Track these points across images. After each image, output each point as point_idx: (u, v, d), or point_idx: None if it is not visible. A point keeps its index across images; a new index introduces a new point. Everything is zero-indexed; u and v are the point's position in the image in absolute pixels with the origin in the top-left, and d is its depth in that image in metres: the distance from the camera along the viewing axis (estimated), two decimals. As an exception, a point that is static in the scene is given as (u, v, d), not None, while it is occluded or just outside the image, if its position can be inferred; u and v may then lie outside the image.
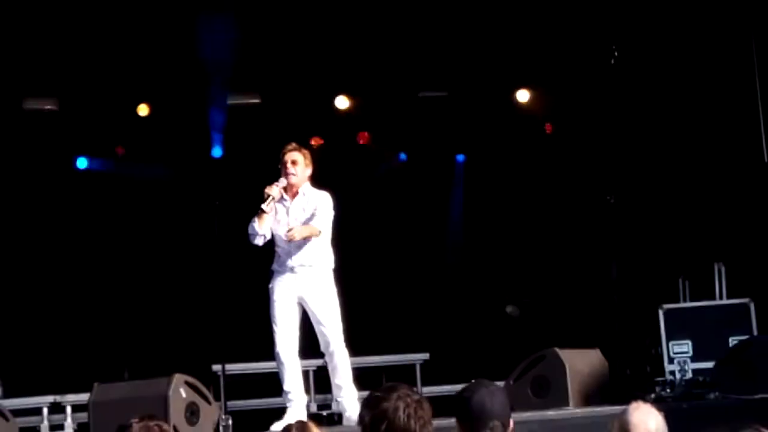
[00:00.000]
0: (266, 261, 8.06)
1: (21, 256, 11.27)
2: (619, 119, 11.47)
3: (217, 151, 11.89)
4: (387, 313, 11.70)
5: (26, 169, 11.40)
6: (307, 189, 7.99)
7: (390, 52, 11.47)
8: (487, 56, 11.65)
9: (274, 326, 7.87)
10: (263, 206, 7.83)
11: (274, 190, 7.85)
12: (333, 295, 7.98)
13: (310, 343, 8.00)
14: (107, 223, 11.71)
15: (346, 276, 8.30)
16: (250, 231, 7.91)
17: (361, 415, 3.88)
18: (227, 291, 8.62)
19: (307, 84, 11.73)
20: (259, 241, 7.94)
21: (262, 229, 7.88)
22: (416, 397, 3.87)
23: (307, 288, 7.90)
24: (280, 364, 7.87)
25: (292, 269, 7.90)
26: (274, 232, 7.95)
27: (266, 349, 8.82)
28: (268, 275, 8.00)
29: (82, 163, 11.83)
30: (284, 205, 7.97)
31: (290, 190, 7.96)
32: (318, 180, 8.12)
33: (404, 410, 3.80)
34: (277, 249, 7.96)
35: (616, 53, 10.91)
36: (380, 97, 12.01)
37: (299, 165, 7.93)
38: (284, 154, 7.97)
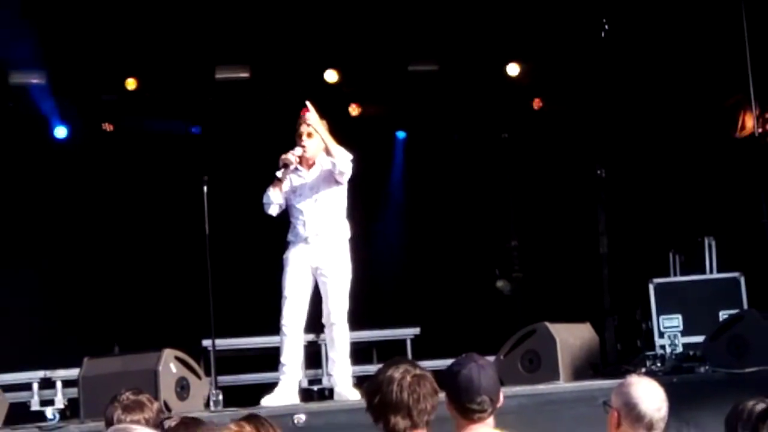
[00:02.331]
0: (258, 235, 8.02)
1: (9, 231, 11.22)
2: (609, 92, 11.45)
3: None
4: (378, 287, 11.69)
5: (7, 144, 11.33)
6: (323, 159, 7.91)
7: (379, 26, 11.41)
8: (478, 30, 11.60)
9: (283, 297, 7.82)
10: (278, 174, 7.77)
11: (291, 157, 7.78)
12: (347, 267, 7.93)
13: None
14: (96, 197, 11.65)
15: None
16: (264, 200, 7.83)
17: (362, 388, 3.89)
18: (218, 265, 8.59)
19: (297, 58, 11.69)
20: (274, 211, 7.87)
21: (277, 197, 7.81)
22: (416, 371, 3.85)
23: (321, 258, 7.85)
24: (282, 335, 7.81)
25: (306, 239, 7.84)
26: (291, 203, 7.88)
27: (256, 324, 8.84)
28: (283, 246, 7.93)
29: (61, 132, 11.71)
30: (300, 176, 7.90)
31: (306, 162, 7.89)
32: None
33: (398, 383, 3.79)
34: (293, 220, 7.89)
35: (606, 26, 10.88)
36: (368, 70, 11.96)
37: (314, 137, 7.86)
38: (300, 124, 7.90)
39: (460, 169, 12.29)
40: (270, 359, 8.05)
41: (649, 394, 4.33)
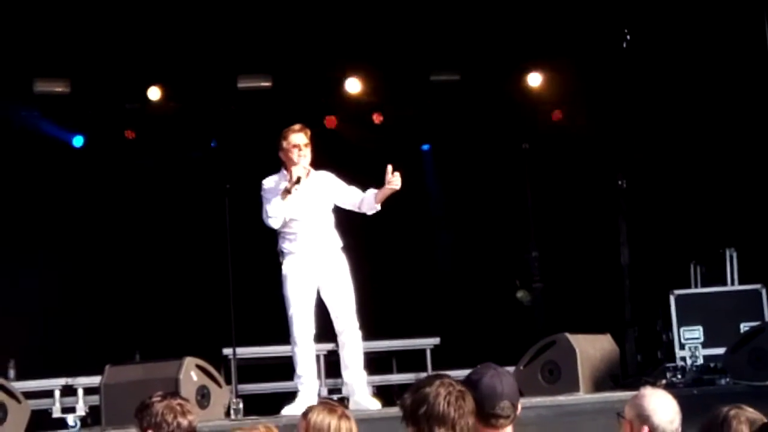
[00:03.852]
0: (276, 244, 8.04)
1: (31, 239, 11.28)
2: (632, 103, 11.44)
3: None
4: (398, 297, 11.71)
5: (29, 153, 11.40)
6: (323, 176, 8.02)
7: (401, 36, 11.44)
8: (499, 40, 11.61)
9: (290, 310, 7.84)
10: (291, 188, 7.79)
11: (302, 171, 7.81)
12: (349, 275, 7.99)
13: (321, 327, 8.00)
14: (119, 206, 11.71)
15: (356, 260, 8.30)
16: (270, 213, 7.81)
17: (403, 398, 3.94)
18: (238, 274, 8.62)
19: (319, 67, 11.72)
20: (278, 223, 7.86)
21: (285, 210, 7.82)
22: (459, 388, 3.94)
23: (325, 269, 7.89)
24: (295, 347, 7.85)
25: (309, 251, 7.88)
26: (291, 214, 7.91)
27: (277, 333, 8.84)
28: (276, 257, 7.97)
29: (78, 141, 11.78)
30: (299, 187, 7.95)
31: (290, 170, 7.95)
32: (332, 161, 8.10)
33: (445, 397, 3.88)
34: (291, 231, 7.91)
35: (628, 36, 10.88)
36: (393, 80, 11.98)
37: (309, 145, 7.92)
38: (293, 134, 7.93)
39: (481, 179, 12.29)
40: (290, 368, 8.06)
41: (662, 407, 4.34)
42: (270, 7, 11.02)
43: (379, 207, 7.99)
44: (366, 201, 8.01)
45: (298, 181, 7.77)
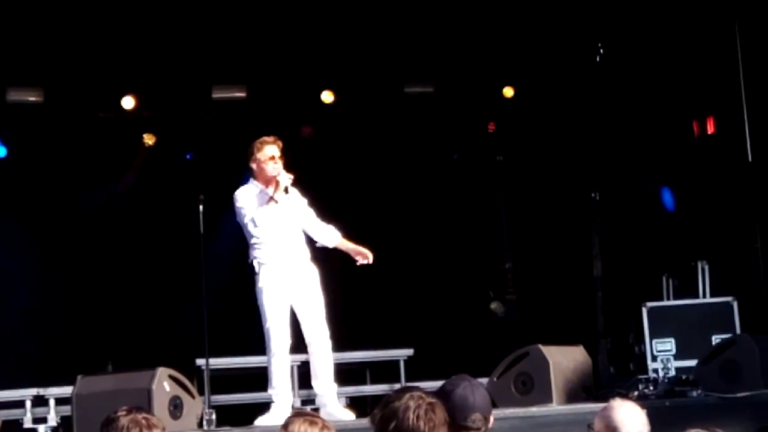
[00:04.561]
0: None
1: (4, 250, 11.22)
2: (604, 116, 11.50)
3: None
4: (371, 308, 11.71)
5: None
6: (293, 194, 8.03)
7: (376, 47, 11.47)
8: (474, 52, 11.66)
9: (267, 323, 7.83)
10: (276, 196, 7.81)
11: (289, 180, 7.84)
12: (319, 285, 8.01)
13: (293, 338, 7.99)
14: (91, 215, 11.66)
15: (330, 270, 8.31)
16: (259, 222, 7.79)
17: (373, 414, 3.90)
18: (211, 285, 8.60)
19: (293, 78, 11.73)
20: (264, 232, 7.87)
21: (267, 219, 7.83)
22: (430, 400, 3.87)
23: (299, 280, 7.90)
24: (272, 359, 7.84)
25: (283, 260, 7.88)
26: (265, 225, 7.89)
27: (250, 344, 8.83)
28: (249, 268, 7.97)
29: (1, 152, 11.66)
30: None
31: (274, 182, 7.96)
32: (308, 173, 8.11)
33: (414, 411, 3.81)
34: (266, 240, 7.89)
35: (601, 50, 10.94)
36: (365, 91, 12.01)
37: (282, 157, 7.96)
38: (267, 146, 7.95)
39: (454, 191, 12.31)
40: (264, 379, 8.05)
41: (630, 418, 4.36)
42: (245, 18, 11.02)
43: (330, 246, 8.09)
44: (325, 237, 8.12)
45: (285, 189, 7.79)
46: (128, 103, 11.58)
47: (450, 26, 11.31)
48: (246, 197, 7.93)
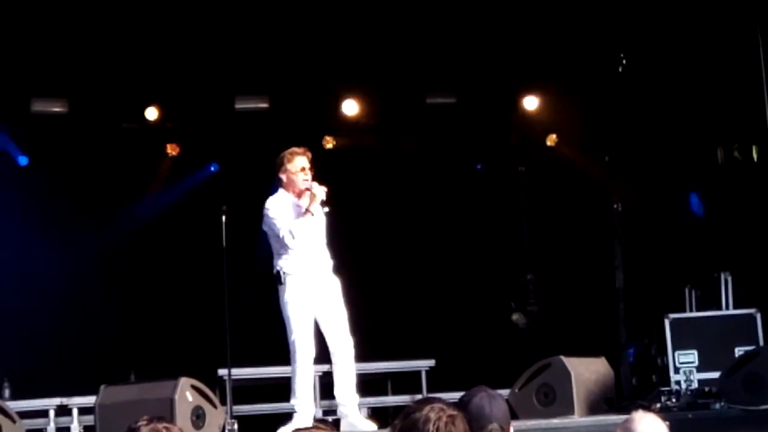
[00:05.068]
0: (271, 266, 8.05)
1: (25, 259, 11.27)
2: (627, 126, 11.48)
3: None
4: (393, 319, 11.71)
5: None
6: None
7: (397, 58, 11.48)
8: (494, 63, 11.66)
9: (293, 335, 7.81)
10: (311, 208, 7.84)
11: (323, 194, 7.87)
12: (342, 296, 8.01)
13: (316, 349, 8.00)
14: (114, 226, 11.71)
15: (352, 281, 8.31)
16: (296, 234, 7.78)
17: (393, 424, 3.89)
18: (234, 295, 8.63)
19: (315, 88, 11.77)
20: (295, 243, 7.86)
21: (303, 231, 7.85)
22: (450, 412, 3.84)
23: (323, 292, 7.90)
24: (297, 370, 7.83)
25: (309, 271, 7.89)
26: (298, 237, 7.91)
27: (272, 354, 8.84)
28: (272, 279, 7.98)
29: (23, 160, 11.72)
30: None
31: (304, 193, 7.99)
32: (331, 184, 8.13)
33: (434, 423, 3.78)
34: (293, 252, 7.91)
35: (624, 60, 10.93)
36: (389, 102, 12.03)
37: (312, 169, 7.99)
38: (298, 157, 7.97)
39: (476, 202, 12.32)
40: (286, 389, 8.06)
41: (652, 430, 4.35)
42: (267, 29, 11.06)
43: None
44: None
45: (322, 203, 7.83)
46: (152, 113, 11.64)
47: (472, 37, 11.31)
48: (279, 208, 7.93)
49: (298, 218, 7.85)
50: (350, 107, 12.00)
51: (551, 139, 12.37)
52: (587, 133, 11.99)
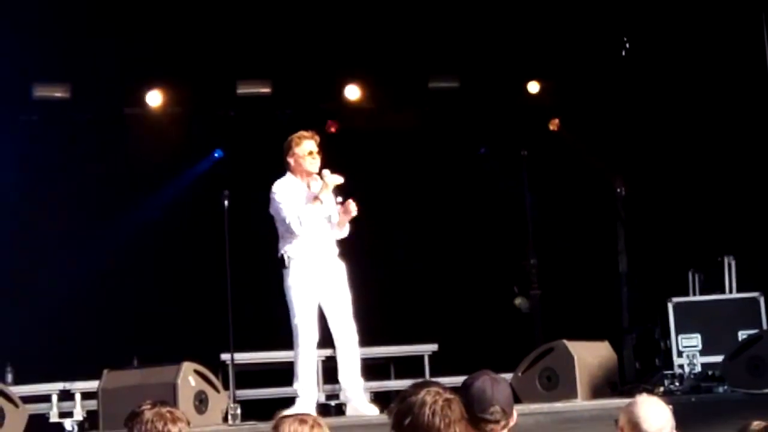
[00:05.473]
0: (277, 250, 8.04)
1: (30, 244, 11.28)
2: (630, 110, 11.46)
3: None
4: (396, 303, 11.71)
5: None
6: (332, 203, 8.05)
7: (401, 42, 11.45)
8: (499, 47, 11.63)
9: (296, 318, 7.82)
10: (321, 196, 7.84)
11: (336, 182, 7.86)
12: (347, 281, 8.01)
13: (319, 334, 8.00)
14: (117, 211, 11.70)
15: (355, 266, 8.31)
16: (304, 220, 7.79)
17: (389, 408, 3.88)
18: (237, 280, 8.62)
19: (318, 73, 11.74)
20: (302, 230, 7.86)
21: (312, 218, 7.84)
22: (446, 396, 3.83)
23: (327, 276, 7.90)
24: (299, 354, 7.83)
25: (314, 256, 7.88)
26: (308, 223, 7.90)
27: (275, 339, 8.85)
28: (275, 263, 7.97)
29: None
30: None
31: (311, 177, 7.96)
32: (334, 168, 8.11)
33: (430, 407, 3.77)
34: (299, 237, 7.90)
35: (627, 44, 10.90)
36: (392, 86, 12.00)
37: (320, 152, 7.97)
38: (306, 141, 7.95)
39: (479, 186, 12.30)
40: (289, 373, 8.06)
41: (654, 414, 4.35)
42: (269, 13, 11.03)
43: (344, 234, 8.03)
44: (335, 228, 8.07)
45: (335, 192, 7.84)
46: (154, 98, 11.62)
47: (474, 21, 11.29)
48: (287, 192, 7.90)
49: (307, 205, 7.83)
50: (353, 92, 11.98)
51: (554, 124, 12.34)
52: (590, 117, 11.96)
